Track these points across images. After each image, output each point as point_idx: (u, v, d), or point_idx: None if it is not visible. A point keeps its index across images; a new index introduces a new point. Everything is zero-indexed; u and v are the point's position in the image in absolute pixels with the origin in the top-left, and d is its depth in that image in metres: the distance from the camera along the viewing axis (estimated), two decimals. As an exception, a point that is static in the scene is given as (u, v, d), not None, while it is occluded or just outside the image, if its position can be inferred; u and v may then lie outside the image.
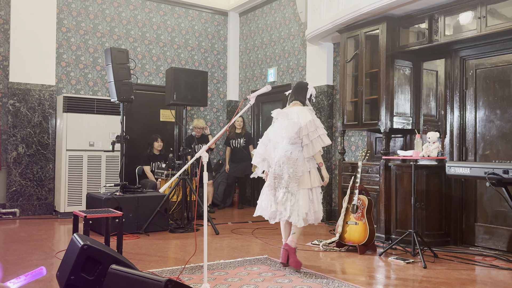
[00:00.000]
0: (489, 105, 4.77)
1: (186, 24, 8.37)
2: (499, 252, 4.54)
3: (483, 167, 3.07)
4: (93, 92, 7.40)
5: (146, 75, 7.94)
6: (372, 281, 3.61)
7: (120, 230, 4.11)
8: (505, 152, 4.60)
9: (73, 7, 7.27)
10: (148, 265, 3.96)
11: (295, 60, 7.45)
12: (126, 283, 2.38)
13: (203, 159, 2.93)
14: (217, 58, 8.76)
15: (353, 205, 4.63)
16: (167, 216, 5.70)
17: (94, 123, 6.82)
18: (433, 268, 3.99)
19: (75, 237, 2.97)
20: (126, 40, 7.74)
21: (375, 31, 5.35)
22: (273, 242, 5.05)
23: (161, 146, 7.14)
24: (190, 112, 8.33)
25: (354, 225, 4.62)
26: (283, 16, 7.76)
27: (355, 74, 5.71)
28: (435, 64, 5.31)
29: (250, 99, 3.15)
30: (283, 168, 3.92)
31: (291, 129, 3.92)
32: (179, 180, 5.79)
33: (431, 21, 4.92)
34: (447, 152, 5.05)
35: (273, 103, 8.06)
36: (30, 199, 6.76)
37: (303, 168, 3.90)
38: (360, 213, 4.59)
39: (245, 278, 3.60)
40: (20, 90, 6.71)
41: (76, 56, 7.28)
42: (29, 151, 6.75)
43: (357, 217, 4.61)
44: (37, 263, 3.98)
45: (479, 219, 4.81)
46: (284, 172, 3.91)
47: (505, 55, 4.63)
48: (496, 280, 3.64)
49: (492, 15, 4.38)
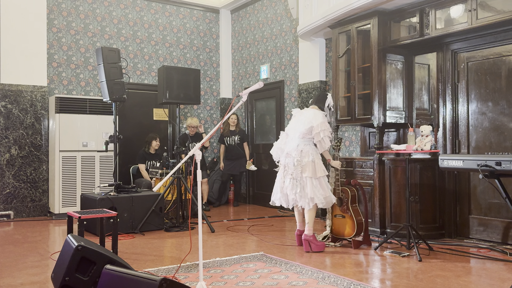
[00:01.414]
0: (481, 97, 4.78)
1: (177, 22, 8.34)
2: (493, 244, 4.57)
3: (476, 160, 3.07)
4: (85, 92, 7.36)
5: (138, 74, 7.91)
6: (368, 275, 3.62)
7: (115, 230, 4.10)
8: (498, 144, 4.62)
9: (63, 7, 7.22)
10: (143, 265, 3.95)
11: (288, 57, 7.44)
12: (120, 283, 2.38)
13: (196, 157, 2.92)
14: (210, 56, 8.74)
15: (339, 199, 4.65)
16: (162, 215, 5.69)
17: (87, 123, 6.79)
18: (428, 261, 4.01)
19: (69, 238, 2.96)
20: (118, 39, 7.70)
21: (367, 26, 5.35)
22: (269, 239, 5.05)
23: (158, 146, 7.12)
24: (183, 110, 8.31)
25: (341, 218, 4.64)
26: (274, 13, 7.75)
27: (347, 69, 5.72)
28: (427, 57, 5.32)
29: (242, 96, 3.14)
30: (290, 157, 4.49)
31: (303, 125, 4.52)
32: (174, 178, 5.78)
33: (422, 14, 4.93)
34: (440, 145, 5.07)
35: (266, 100, 8.06)
36: (24, 201, 6.72)
37: (307, 158, 4.40)
38: (345, 206, 4.61)
39: (241, 275, 3.60)
40: (12, 91, 6.66)
41: (67, 56, 7.24)
42: (22, 152, 6.71)
43: (342, 210, 4.63)
44: (31, 265, 3.97)
45: (473, 211, 4.83)
46: (290, 161, 4.48)
47: (496, 48, 4.65)
48: (491, 272, 3.66)
49: (483, 8, 4.39)
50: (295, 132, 4.58)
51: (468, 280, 3.45)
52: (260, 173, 8.04)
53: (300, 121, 4.61)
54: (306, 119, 4.56)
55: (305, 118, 4.57)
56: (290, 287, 3.29)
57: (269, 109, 8.00)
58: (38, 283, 3.46)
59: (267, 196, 7.86)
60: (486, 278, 3.50)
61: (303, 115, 4.66)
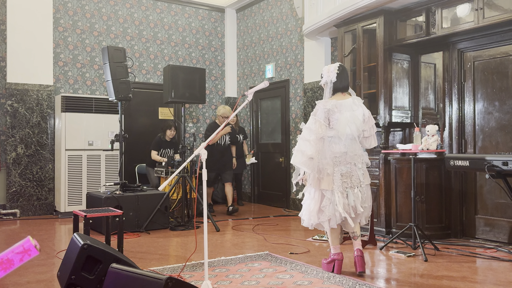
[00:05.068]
0: (488, 97, 4.76)
1: (183, 22, 8.35)
2: (500, 244, 4.54)
3: (482, 159, 3.05)
4: (91, 91, 7.39)
5: (144, 73, 7.93)
6: (374, 275, 3.61)
7: (121, 229, 4.11)
8: (504, 144, 4.59)
9: (69, 6, 7.25)
10: (149, 263, 3.96)
11: (293, 56, 7.43)
12: (126, 281, 2.38)
13: (202, 156, 2.90)
14: (215, 55, 8.74)
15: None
16: (168, 214, 5.70)
17: (92, 122, 6.81)
18: (434, 261, 4.00)
19: (75, 237, 2.97)
20: (123, 39, 7.72)
21: (373, 25, 5.33)
22: (274, 239, 5.05)
23: (173, 135, 7.03)
24: (188, 109, 8.32)
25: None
26: (280, 12, 7.74)
27: (353, 69, 5.70)
28: (433, 57, 5.30)
29: (248, 96, 3.14)
30: (353, 165, 3.57)
31: (359, 123, 3.61)
32: (179, 177, 5.79)
33: (428, 13, 4.91)
34: (446, 145, 5.05)
35: (271, 99, 8.05)
36: (30, 200, 6.76)
37: (364, 163, 3.69)
38: None
39: (246, 274, 3.60)
40: (18, 90, 6.70)
41: (73, 56, 7.27)
42: (28, 151, 6.75)
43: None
44: (38, 264, 3.99)
45: (480, 211, 4.81)
46: (354, 169, 3.57)
47: (502, 47, 4.62)
48: (497, 272, 3.64)
49: (489, 7, 4.36)
50: (347, 131, 3.57)
51: (474, 280, 3.44)
52: (265, 173, 8.04)
53: (349, 117, 3.59)
54: (360, 114, 3.63)
55: (355, 114, 3.62)
56: (295, 286, 3.29)
57: (274, 108, 8.00)
58: (44, 281, 3.48)
59: (272, 195, 7.91)
60: (492, 278, 3.48)
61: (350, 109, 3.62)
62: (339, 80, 3.68)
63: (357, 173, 3.56)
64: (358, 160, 3.59)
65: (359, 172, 3.57)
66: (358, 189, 3.54)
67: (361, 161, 3.61)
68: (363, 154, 3.69)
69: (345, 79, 3.71)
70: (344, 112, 3.58)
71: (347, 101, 3.63)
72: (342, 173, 3.53)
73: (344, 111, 3.58)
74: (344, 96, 3.69)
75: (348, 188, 3.53)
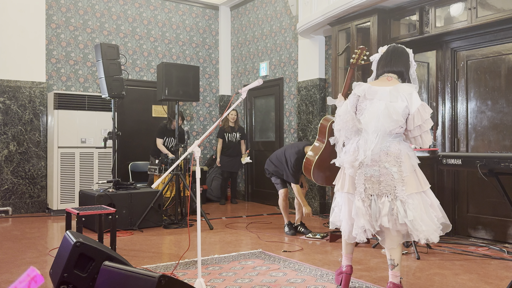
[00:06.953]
0: (480, 96, 4.79)
1: (177, 19, 8.32)
2: (491, 242, 4.57)
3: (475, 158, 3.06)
4: (84, 88, 7.35)
5: (137, 70, 7.90)
6: (366, 273, 3.62)
7: (114, 227, 4.09)
8: (497, 143, 4.62)
9: (62, 2, 7.20)
10: (142, 261, 3.95)
11: (287, 54, 7.43)
12: (119, 279, 2.37)
13: (195, 154, 2.90)
14: (209, 53, 8.72)
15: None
16: (161, 212, 5.69)
17: (85, 119, 6.78)
18: (426, 259, 4.02)
19: (68, 234, 2.95)
20: (117, 36, 7.68)
21: (367, 24, 5.34)
22: (267, 237, 5.05)
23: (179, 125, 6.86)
24: (182, 107, 8.30)
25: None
26: (274, 10, 7.73)
27: (347, 67, 5.71)
28: (426, 56, 5.32)
29: (241, 93, 3.13)
30: (383, 167, 2.82)
31: (395, 118, 2.83)
32: (173, 175, 5.77)
33: (421, 13, 4.93)
34: (439, 144, 5.08)
35: (265, 97, 8.05)
36: (22, 197, 6.72)
37: (408, 165, 2.83)
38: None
39: (239, 272, 3.60)
40: (10, 87, 6.65)
41: (66, 53, 7.22)
42: (20, 149, 6.70)
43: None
44: (30, 261, 3.96)
45: (472, 209, 4.84)
46: (383, 173, 2.81)
47: (495, 46, 4.65)
48: (489, 270, 3.67)
49: (483, 6, 4.39)
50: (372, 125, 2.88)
51: (466, 278, 3.46)
52: (259, 171, 8.04)
53: (380, 109, 2.87)
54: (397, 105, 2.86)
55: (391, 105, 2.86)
56: (288, 284, 3.29)
57: (268, 106, 8.00)
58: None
59: (265, 193, 7.92)
60: (484, 276, 3.51)
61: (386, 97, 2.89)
62: (383, 60, 3.04)
63: (388, 177, 2.80)
64: (393, 162, 2.81)
65: (394, 176, 2.79)
66: (387, 198, 2.78)
67: (399, 164, 2.81)
68: (405, 154, 2.85)
69: (394, 61, 2.99)
70: (377, 101, 2.89)
71: (385, 88, 2.91)
72: (366, 176, 2.85)
73: (376, 100, 2.90)
74: (389, 81, 2.96)
75: (374, 195, 2.83)
